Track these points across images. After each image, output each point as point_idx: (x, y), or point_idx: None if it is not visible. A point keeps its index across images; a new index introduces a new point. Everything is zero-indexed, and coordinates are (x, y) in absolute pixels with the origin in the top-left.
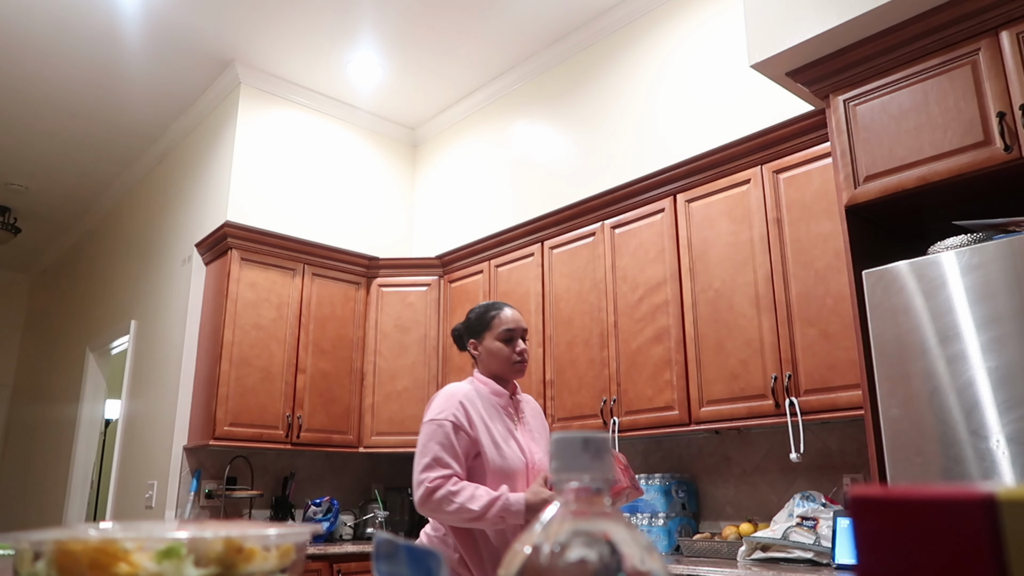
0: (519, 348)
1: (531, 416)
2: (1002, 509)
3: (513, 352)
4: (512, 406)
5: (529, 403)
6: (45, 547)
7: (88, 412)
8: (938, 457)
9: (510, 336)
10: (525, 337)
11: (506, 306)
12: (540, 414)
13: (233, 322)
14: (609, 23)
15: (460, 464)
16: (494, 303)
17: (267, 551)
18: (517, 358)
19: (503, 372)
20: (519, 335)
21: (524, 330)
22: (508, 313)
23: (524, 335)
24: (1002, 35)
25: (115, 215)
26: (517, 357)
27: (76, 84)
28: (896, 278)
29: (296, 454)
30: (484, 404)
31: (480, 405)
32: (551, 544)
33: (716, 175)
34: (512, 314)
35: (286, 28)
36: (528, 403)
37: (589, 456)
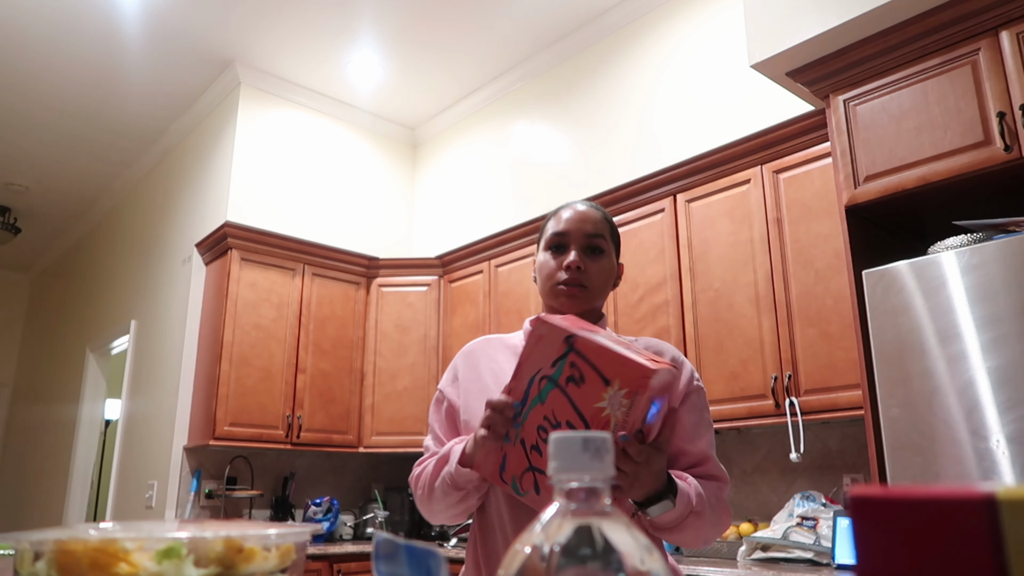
0: (567, 261)
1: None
2: (1002, 509)
3: (558, 267)
4: None
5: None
6: (45, 547)
7: (88, 412)
8: (938, 457)
9: (558, 243)
10: (596, 246)
11: (578, 203)
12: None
13: (233, 322)
14: (609, 23)
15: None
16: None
17: (267, 551)
18: (562, 275)
19: (550, 300)
20: (577, 242)
21: (589, 235)
22: (566, 212)
23: (590, 243)
24: (1002, 35)
25: (115, 215)
26: (562, 274)
27: (76, 84)
28: (896, 278)
29: (296, 454)
30: (512, 360)
31: (500, 356)
32: (551, 544)
33: (716, 175)
34: (570, 213)
35: (286, 28)
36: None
37: (589, 456)
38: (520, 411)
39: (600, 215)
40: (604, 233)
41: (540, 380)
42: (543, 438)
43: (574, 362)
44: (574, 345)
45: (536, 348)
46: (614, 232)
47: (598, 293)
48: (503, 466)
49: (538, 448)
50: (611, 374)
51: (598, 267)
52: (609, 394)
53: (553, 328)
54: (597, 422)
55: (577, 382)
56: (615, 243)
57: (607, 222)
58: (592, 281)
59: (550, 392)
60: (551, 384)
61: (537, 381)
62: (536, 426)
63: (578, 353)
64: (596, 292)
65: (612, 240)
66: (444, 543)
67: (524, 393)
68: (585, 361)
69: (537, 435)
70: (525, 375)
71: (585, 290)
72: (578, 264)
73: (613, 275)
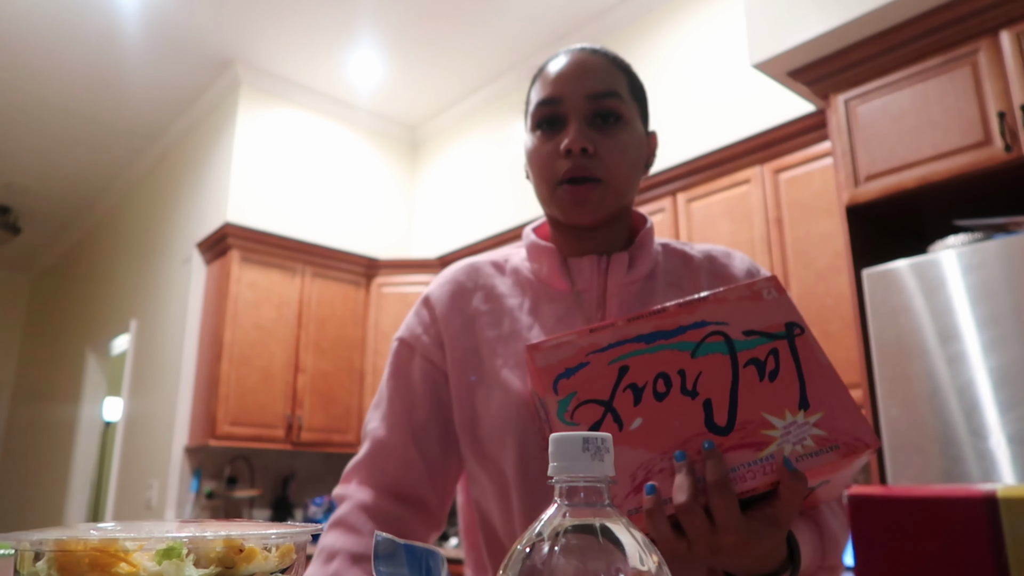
0: (565, 143)
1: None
2: (1002, 508)
3: (555, 154)
4: (601, 293)
5: (708, 269)
6: (45, 547)
7: (88, 412)
8: (938, 457)
9: (550, 115)
10: (608, 110)
11: (575, 47)
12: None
13: (233, 322)
14: (609, 23)
15: (413, 454)
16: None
17: (267, 551)
18: (561, 166)
19: (550, 208)
20: (577, 110)
21: (596, 95)
22: (555, 65)
23: (599, 108)
24: (1002, 35)
25: (115, 215)
26: (562, 163)
27: (76, 84)
28: (896, 278)
29: (296, 454)
30: (519, 293)
31: (503, 286)
32: (550, 544)
33: (716, 175)
34: (562, 65)
35: (286, 28)
36: (701, 270)
37: (589, 456)
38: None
39: (608, 61)
40: (618, 88)
41: (710, 334)
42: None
43: (777, 350)
44: (795, 337)
45: (738, 300)
46: (635, 85)
47: (624, 186)
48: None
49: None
50: (817, 403)
51: (616, 143)
52: (794, 420)
53: (781, 301)
54: (747, 431)
55: (764, 375)
56: (638, 101)
57: (622, 70)
58: (610, 169)
59: (707, 355)
60: (723, 347)
61: (703, 335)
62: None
63: (792, 349)
64: (620, 185)
65: (633, 97)
66: (443, 542)
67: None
68: (795, 363)
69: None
70: (680, 314)
71: (601, 185)
72: (583, 145)
73: (642, 152)
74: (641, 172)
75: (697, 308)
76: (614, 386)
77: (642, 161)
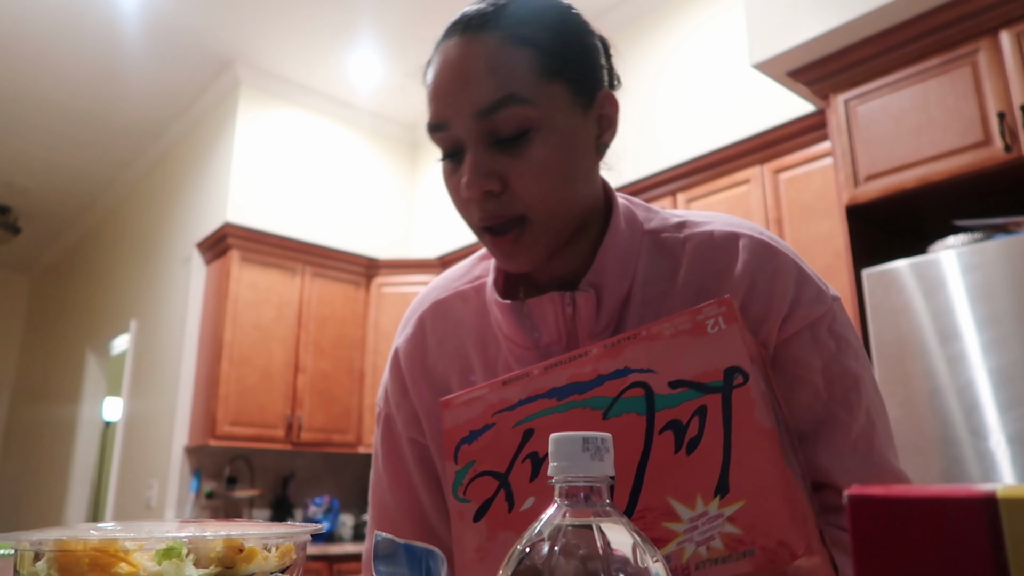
0: (462, 184)
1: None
2: (1002, 508)
3: (458, 190)
4: (572, 343)
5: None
6: (45, 547)
7: (88, 412)
8: (938, 457)
9: (442, 144)
10: (506, 125)
11: (453, 38)
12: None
13: (233, 322)
14: (609, 23)
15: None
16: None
17: (267, 551)
18: (474, 213)
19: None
20: (469, 136)
21: (485, 111)
22: (432, 73)
23: (491, 127)
24: (1002, 35)
25: (115, 215)
26: (474, 210)
27: (76, 84)
28: (896, 278)
29: (296, 454)
30: (488, 342)
31: (475, 346)
32: (549, 544)
33: (716, 175)
34: (440, 73)
35: (286, 28)
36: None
37: (589, 456)
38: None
39: (495, 45)
40: (515, 85)
41: (630, 387)
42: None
43: (705, 408)
44: (732, 389)
45: (675, 336)
46: (553, 50)
47: (560, 209)
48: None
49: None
50: (739, 488)
51: (529, 164)
52: (705, 511)
53: (729, 335)
54: (647, 521)
55: (682, 445)
56: (564, 69)
57: (522, 44)
58: (530, 201)
59: (621, 415)
60: (640, 404)
61: (621, 387)
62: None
63: (726, 407)
64: (553, 210)
65: (551, 71)
66: None
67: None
68: (724, 428)
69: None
70: (601, 360)
71: (527, 224)
72: (484, 189)
73: (581, 141)
74: (589, 162)
75: (623, 350)
76: (514, 455)
77: (586, 149)
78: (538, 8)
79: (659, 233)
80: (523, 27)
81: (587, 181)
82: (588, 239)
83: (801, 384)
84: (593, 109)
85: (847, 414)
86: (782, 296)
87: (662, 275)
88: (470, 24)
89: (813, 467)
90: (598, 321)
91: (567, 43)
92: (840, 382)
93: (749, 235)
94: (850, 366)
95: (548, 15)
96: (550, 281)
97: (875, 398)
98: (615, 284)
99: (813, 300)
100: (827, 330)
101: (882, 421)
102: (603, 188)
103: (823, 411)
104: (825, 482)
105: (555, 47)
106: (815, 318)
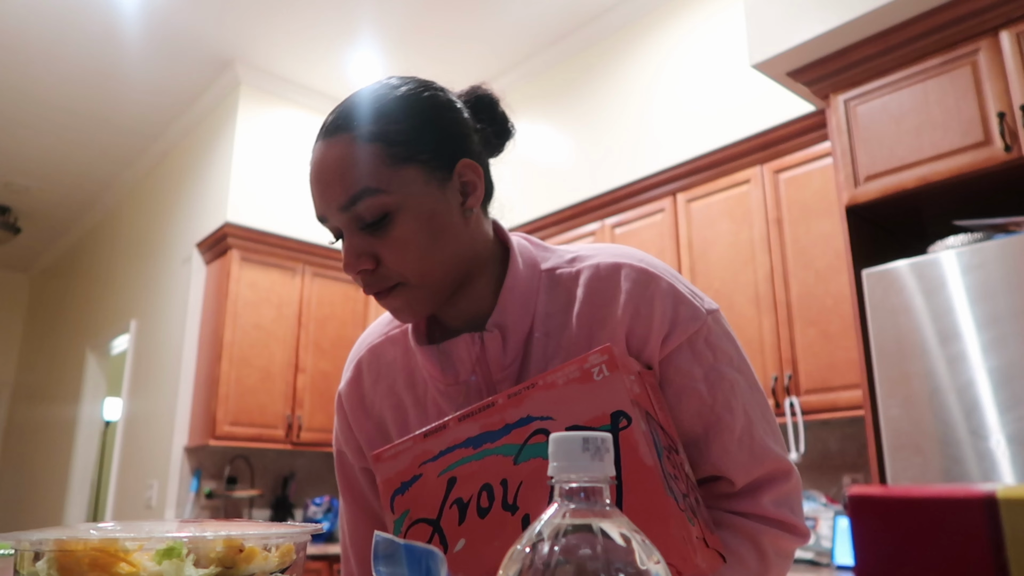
0: (344, 260)
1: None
2: (1002, 509)
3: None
4: (488, 380)
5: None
6: (45, 547)
7: (88, 412)
8: (938, 457)
9: (330, 230)
10: (367, 213)
11: (320, 137)
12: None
13: (233, 322)
14: (609, 23)
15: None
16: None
17: (267, 551)
18: (362, 286)
19: None
20: (343, 225)
21: (346, 206)
22: (310, 173)
23: (356, 216)
24: (1002, 35)
25: (115, 215)
26: (361, 285)
27: (76, 84)
28: (896, 278)
29: (296, 454)
30: (418, 381)
31: (405, 386)
32: (550, 544)
33: (716, 175)
34: (313, 174)
35: (286, 28)
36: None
37: (589, 456)
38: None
39: (347, 143)
40: (366, 179)
41: (534, 433)
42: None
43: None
44: (618, 431)
45: (568, 385)
46: (398, 137)
47: (436, 270)
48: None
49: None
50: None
51: (394, 244)
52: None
53: (613, 382)
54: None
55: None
56: (415, 151)
57: (371, 140)
58: (403, 271)
59: (530, 459)
60: (544, 449)
61: (527, 434)
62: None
63: (615, 447)
64: (428, 271)
65: (401, 156)
66: None
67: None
68: (616, 467)
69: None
70: (505, 410)
71: (405, 288)
72: (359, 269)
73: (443, 212)
74: (457, 227)
75: (524, 399)
76: (442, 502)
77: (449, 217)
78: (387, 102)
79: (555, 270)
80: (371, 124)
81: (458, 242)
82: (489, 281)
83: (688, 393)
84: (453, 180)
85: (729, 415)
86: (661, 318)
87: (560, 309)
88: (328, 129)
89: (708, 463)
90: (506, 356)
91: (416, 128)
92: (719, 387)
93: (630, 264)
94: (725, 372)
95: (396, 107)
96: (462, 322)
97: (750, 395)
98: (518, 322)
99: (689, 318)
100: (704, 342)
101: (758, 413)
102: (497, 234)
103: (709, 414)
104: (719, 475)
105: (403, 136)
106: (692, 333)
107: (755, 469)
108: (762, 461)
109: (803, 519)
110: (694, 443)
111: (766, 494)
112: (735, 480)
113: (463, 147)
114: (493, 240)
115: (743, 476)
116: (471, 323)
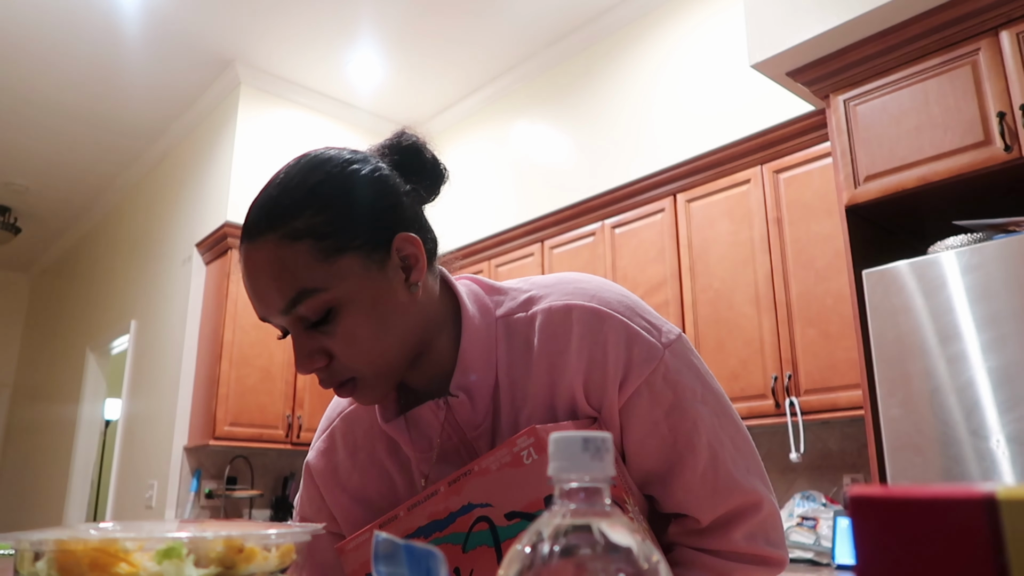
0: (295, 360)
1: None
2: (1002, 509)
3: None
4: (463, 443)
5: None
6: (45, 547)
7: (88, 412)
8: (938, 457)
9: (277, 328)
10: (309, 316)
11: (244, 246)
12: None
13: (233, 322)
14: (609, 23)
15: None
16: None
17: (267, 551)
18: (319, 381)
19: None
20: (287, 325)
21: (285, 310)
22: (244, 280)
23: (297, 318)
24: (1002, 35)
25: (115, 215)
26: (318, 380)
27: (76, 84)
28: (896, 278)
29: (296, 454)
30: (394, 449)
31: (382, 456)
32: (550, 544)
33: (716, 175)
34: (246, 282)
35: (286, 28)
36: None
37: (589, 455)
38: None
39: (274, 250)
40: (301, 280)
41: (477, 521)
42: None
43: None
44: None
45: (501, 470)
46: (328, 231)
47: (385, 355)
48: None
49: None
50: None
51: (340, 339)
52: None
53: (543, 464)
54: None
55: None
56: (347, 241)
57: (298, 238)
58: (354, 364)
59: (476, 547)
60: (488, 537)
61: (470, 522)
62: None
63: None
64: (377, 359)
65: (334, 248)
66: None
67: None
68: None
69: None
70: (448, 496)
71: (357, 379)
72: (310, 368)
73: (387, 294)
74: (403, 305)
75: (463, 487)
76: None
77: (394, 298)
78: (307, 189)
79: (510, 315)
80: (295, 220)
81: (407, 320)
82: (447, 340)
83: (650, 435)
84: (392, 258)
85: (691, 454)
86: (615, 363)
87: (520, 356)
88: (250, 232)
89: (672, 501)
90: (476, 415)
91: (344, 215)
92: (681, 426)
93: (580, 305)
94: (687, 409)
95: (319, 195)
96: (426, 382)
97: (717, 427)
98: (482, 378)
99: (644, 360)
100: (662, 381)
101: (727, 445)
102: (446, 287)
103: (671, 453)
104: (683, 512)
105: (332, 226)
106: (648, 374)
107: (721, 505)
108: (728, 496)
109: (781, 547)
110: (659, 481)
111: (737, 529)
112: (700, 518)
113: (396, 220)
114: (443, 298)
115: (709, 513)
116: (436, 381)
